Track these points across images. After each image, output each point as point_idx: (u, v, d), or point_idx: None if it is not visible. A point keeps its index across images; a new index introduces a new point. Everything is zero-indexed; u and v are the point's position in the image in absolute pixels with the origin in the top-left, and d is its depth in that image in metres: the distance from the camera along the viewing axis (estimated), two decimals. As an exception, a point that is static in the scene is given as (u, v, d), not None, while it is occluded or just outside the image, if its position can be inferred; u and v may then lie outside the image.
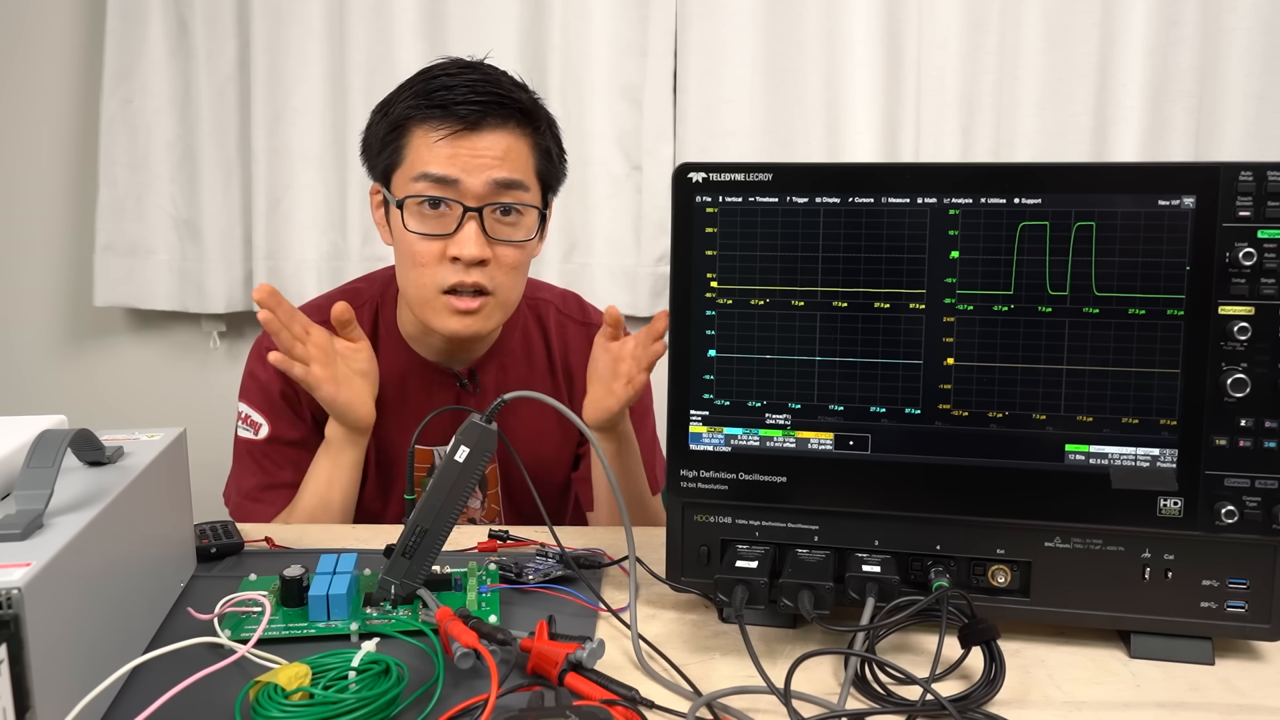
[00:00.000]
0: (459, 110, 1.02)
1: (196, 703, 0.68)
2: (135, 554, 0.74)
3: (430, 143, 1.03)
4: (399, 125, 1.05)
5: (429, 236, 1.04)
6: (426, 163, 1.03)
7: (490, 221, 1.04)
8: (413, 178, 1.04)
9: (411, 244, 1.05)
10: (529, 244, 1.09)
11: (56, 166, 1.95)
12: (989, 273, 0.76)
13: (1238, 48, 1.71)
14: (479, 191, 1.03)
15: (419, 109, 1.04)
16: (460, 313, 1.05)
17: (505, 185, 1.04)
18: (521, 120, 1.06)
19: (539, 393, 0.82)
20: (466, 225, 1.03)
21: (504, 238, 1.05)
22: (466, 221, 1.03)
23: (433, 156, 1.03)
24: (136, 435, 0.85)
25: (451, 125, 1.02)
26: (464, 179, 1.03)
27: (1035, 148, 1.75)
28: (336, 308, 1.05)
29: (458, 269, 1.04)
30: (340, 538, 1.05)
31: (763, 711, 0.68)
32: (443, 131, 1.02)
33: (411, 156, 1.04)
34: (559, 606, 0.84)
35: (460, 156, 1.02)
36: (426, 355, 1.17)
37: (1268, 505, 0.73)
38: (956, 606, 0.74)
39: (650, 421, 1.28)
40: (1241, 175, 0.72)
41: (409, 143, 1.05)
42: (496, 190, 1.04)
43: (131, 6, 1.81)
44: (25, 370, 2.01)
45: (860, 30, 1.71)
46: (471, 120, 1.02)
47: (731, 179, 0.79)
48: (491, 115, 1.03)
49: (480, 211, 1.03)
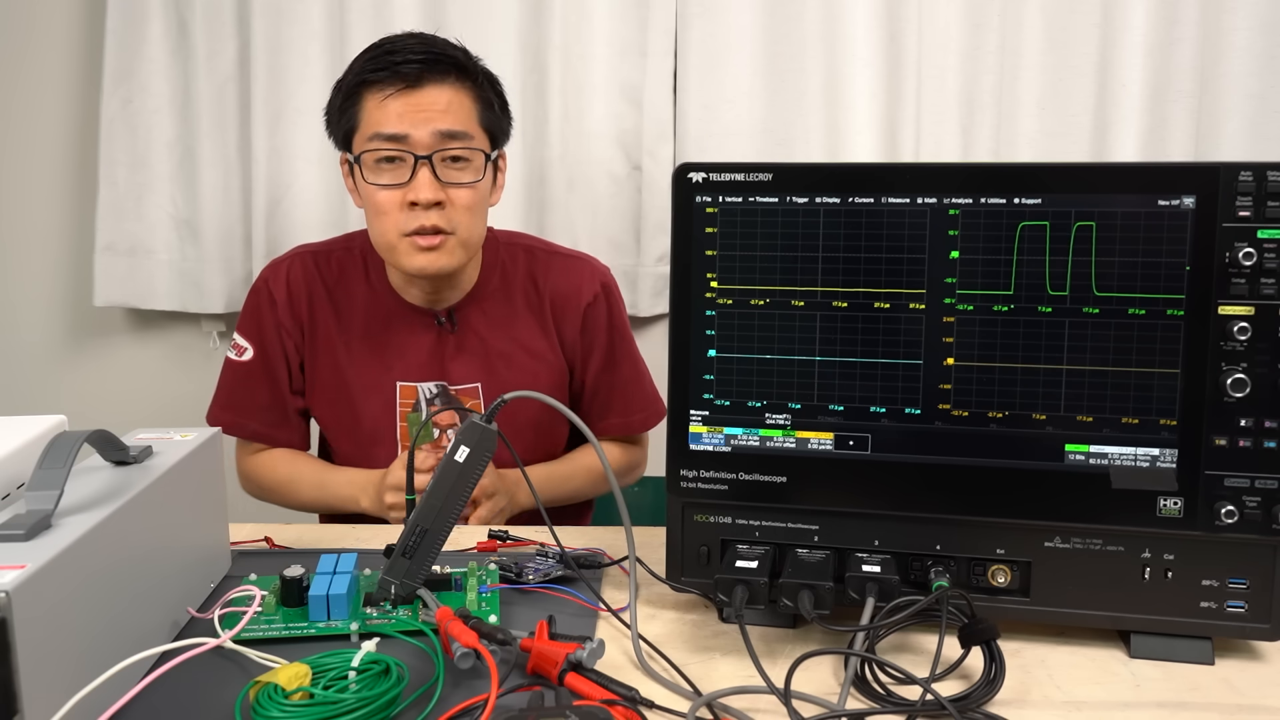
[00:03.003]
0: (402, 70, 1.14)
1: (197, 703, 0.68)
2: (154, 553, 0.74)
3: (379, 103, 1.15)
4: (352, 93, 1.17)
5: (387, 187, 1.16)
6: (378, 123, 1.15)
7: (441, 167, 1.16)
8: (368, 137, 1.16)
9: (373, 195, 1.17)
10: (479, 185, 1.19)
11: (56, 166, 1.94)
12: (989, 273, 0.76)
13: (1238, 48, 1.71)
14: (427, 142, 1.15)
15: (367, 73, 1.15)
16: (423, 249, 1.16)
17: (450, 135, 1.15)
18: (460, 74, 1.17)
19: (538, 392, 0.82)
20: (420, 173, 1.14)
21: (454, 180, 1.17)
22: (419, 169, 1.14)
23: (383, 116, 1.14)
24: (170, 435, 0.86)
25: (396, 85, 1.14)
26: (412, 132, 1.14)
27: (1035, 148, 1.75)
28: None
29: (417, 213, 1.15)
30: (340, 538, 1.05)
31: (763, 711, 0.68)
32: (389, 91, 1.14)
33: (365, 118, 1.16)
34: (559, 606, 0.84)
35: (407, 113, 1.14)
36: (411, 300, 1.28)
37: (1268, 505, 0.73)
38: (956, 606, 0.74)
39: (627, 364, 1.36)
40: (1241, 175, 0.72)
41: (362, 106, 1.16)
42: (442, 140, 1.15)
43: (131, 6, 1.80)
44: (25, 370, 2.01)
45: (860, 30, 1.71)
46: (413, 77, 1.14)
47: (731, 179, 0.79)
48: (431, 71, 1.15)
49: (430, 159, 1.15)
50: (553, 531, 0.90)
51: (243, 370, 1.29)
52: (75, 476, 0.71)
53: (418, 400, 1.26)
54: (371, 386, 1.27)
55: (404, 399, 1.26)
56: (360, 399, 1.27)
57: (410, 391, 1.26)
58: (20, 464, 0.74)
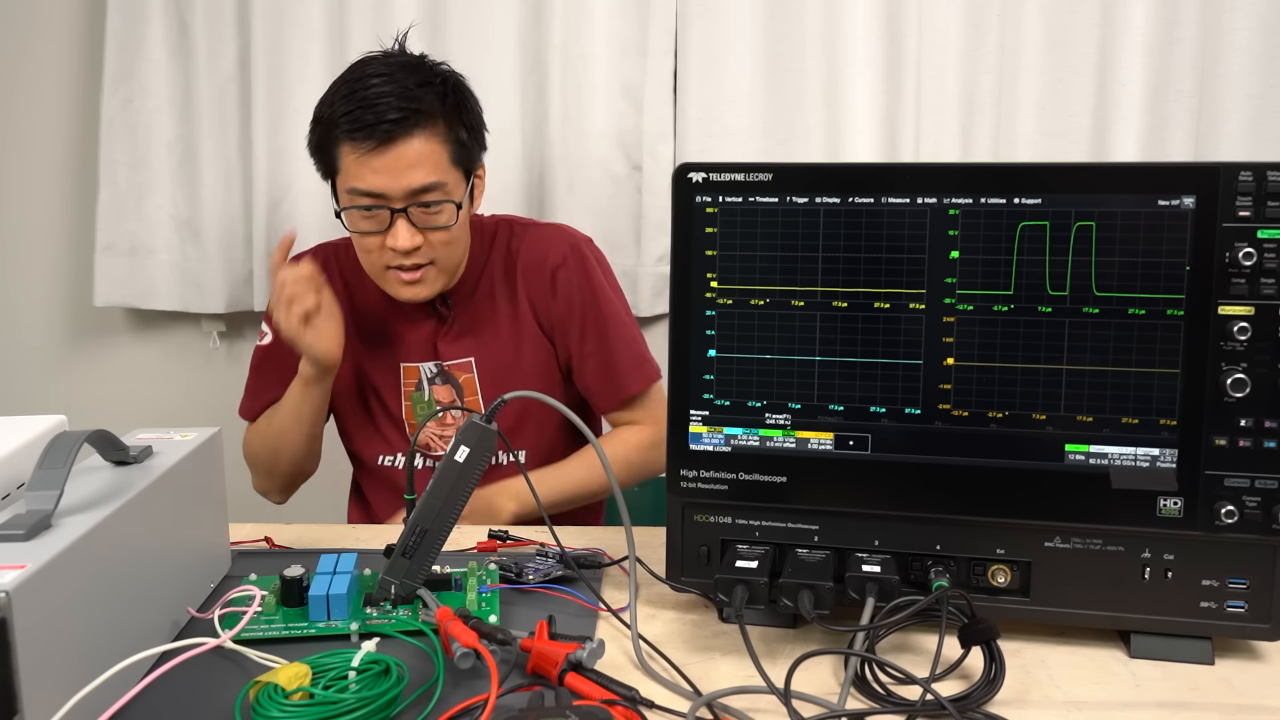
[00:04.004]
0: (375, 132, 1.18)
1: (197, 703, 0.68)
2: (154, 553, 0.74)
3: (356, 158, 1.20)
4: (328, 139, 1.22)
5: (368, 234, 1.24)
6: (356, 177, 1.20)
7: (416, 213, 1.22)
8: (347, 190, 1.22)
9: (358, 238, 1.26)
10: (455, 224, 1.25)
11: (56, 166, 1.94)
12: (989, 273, 0.76)
13: (1238, 48, 1.71)
14: (401, 196, 1.20)
15: (341, 128, 1.19)
16: (407, 283, 1.25)
17: (424, 189, 1.21)
18: (431, 122, 1.21)
19: (535, 392, 0.82)
20: (397, 223, 1.21)
21: (430, 225, 1.23)
22: (396, 219, 1.21)
23: (360, 172, 1.20)
24: (170, 435, 0.86)
25: (370, 144, 1.18)
26: (387, 189, 1.20)
27: (1035, 148, 1.75)
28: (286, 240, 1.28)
29: (398, 254, 1.23)
30: (340, 538, 1.05)
31: (763, 711, 0.68)
32: (363, 150, 1.19)
33: (344, 170, 1.22)
34: (559, 606, 0.84)
35: (382, 170, 1.19)
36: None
37: (1267, 505, 0.73)
38: (956, 606, 0.74)
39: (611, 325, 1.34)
40: (1241, 175, 0.72)
41: (340, 156, 1.22)
42: (416, 194, 1.21)
43: (131, 6, 1.80)
44: (25, 370, 2.01)
45: (860, 30, 1.71)
46: (385, 137, 1.18)
47: (731, 179, 0.79)
48: (402, 127, 1.18)
49: (406, 210, 1.21)
50: (553, 531, 0.90)
51: (262, 352, 1.38)
52: (75, 476, 0.71)
53: (419, 380, 1.35)
54: (381, 369, 1.36)
55: (407, 379, 1.35)
56: (372, 380, 1.37)
57: (413, 372, 1.35)
58: (20, 464, 0.74)
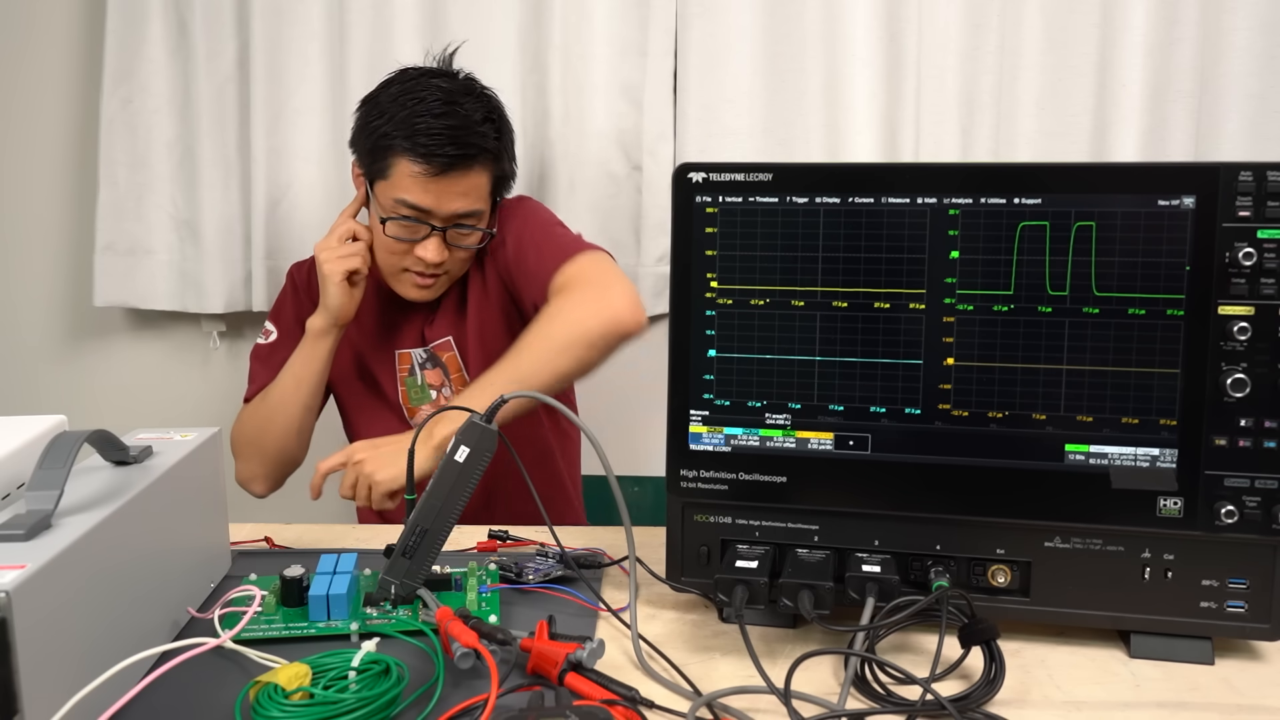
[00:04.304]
0: (436, 160, 1.26)
1: (197, 703, 0.68)
2: (154, 553, 0.74)
3: (409, 174, 1.27)
4: (385, 148, 1.28)
5: (402, 240, 1.31)
6: (406, 190, 1.28)
7: (450, 234, 1.31)
8: (394, 198, 1.29)
9: (388, 240, 1.32)
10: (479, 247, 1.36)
11: (56, 166, 1.94)
12: (989, 273, 0.76)
13: (1238, 48, 1.71)
14: (445, 218, 1.30)
15: (402, 145, 1.26)
16: (419, 286, 1.34)
17: (465, 215, 1.31)
18: (485, 159, 1.31)
19: (535, 392, 0.82)
20: (432, 238, 1.30)
21: (459, 243, 1.33)
22: (432, 235, 1.30)
23: (411, 186, 1.28)
24: (170, 435, 0.86)
25: (428, 169, 1.27)
26: (435, 208, 1.29)
27: (1035, 148, 1.75)
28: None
29: (421, 262, 1.31)
30: (341, 538, 1.05)
31: (763, 711, 0.68)
32: (420, 170, 1.27)
33: (394, 179, 1.29)
34: (559, 606, 0.84)
35: (431, 192, 1.28)
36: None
37: (1267, 505, 0.73)
38: (956, 606, 0.74)
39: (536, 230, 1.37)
40: (1241, 175, 0.72)
41: (392, 166, 1.28)
42: (457, 217, 1.31)
43: (131, 6, 1.80)
44: (25, 370, 2.01)
45: (860, 30, 1.71)
46: (448, 165, 1.27)
47: (731, 179, 0.79)
48: (462, 162, 1.28)
49: (444, 230, 1.30)
50: (553, 531, 0.90)
51: (264, 350, 1.45)
52: (75, 476, 0.71)
53: (412, 365, 1.44)
54: (378, 359, 1.45)
55: (401, 365, 1.44)
56: (371, 368, 1.45)
57: (406, 358, 1.44)
58: (20, 464, 0.74)
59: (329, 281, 1.31)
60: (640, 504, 1.58)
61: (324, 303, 1.33)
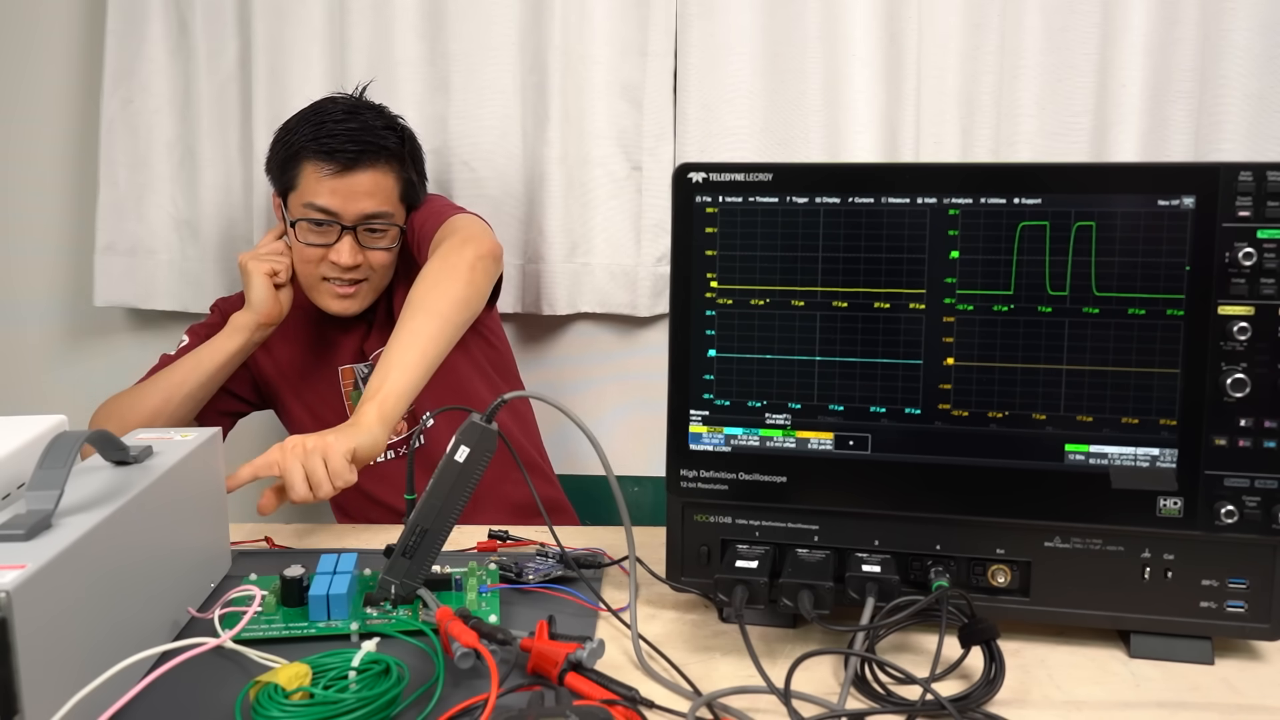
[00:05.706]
0: (339, 156, 1.33)
1: (197, 703, 0.68)
2: (154, 553, 0.74)
3: (317, 178, 1.34)
4: (293, 157, 1.36)
5: (315, 245, 1.37)
6: (314, 194, 1.34)
7: (362, 235, 1.37)
8: (303, 204, 1.35)
9: (302, 249, 1.38)
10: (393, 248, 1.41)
11: (56, 166, 1.94)
12: (989, 273, 0.76)
13: (1238, 48, 1.70)
14: (352, 217, 1.35)
15: (309, 149, 1.34)
16: (339, 296, 1.40)
17: (373, 215, 1.36)
18: (389, 159, 1.37)
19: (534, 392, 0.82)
20: (343, 240, 1.35)
21: (372, 245, 1.38)
22: (343, 237, 1.35)
23: (318, 189, 1.34)
24: (170, 435, 0.86)
25: (333, 167, 1.33)
26: (341, 210, 1.35)
27: (1035, 148, 1.75)
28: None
29: (337, 268, 1.37)
30: (340, 538, 1.05)
31: (763, 711, 0.68)
32: (326, 170, 1.34)
33: (303, 185, 1.36)
34: (559, 606, 0.84)
35: (339, 192, 1.34)
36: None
37: (1267, 505, 0.73)
38: (956, 606, 0.74)
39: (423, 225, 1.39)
40: (1241, 175, 0.72)
41: (301, 173, 1.36)
42: (366, 218, 1.36)
43: (131, 6, 1.80)
44: (25, 370, 2.01)
45: (860, 30, 1.71)
46: (348, 163, 1.33)
47: (731, 179, 0.79)
48: (364, 159, 1.34)
49: (354, 230, 1.36)
50: (553, 531, 0.90)
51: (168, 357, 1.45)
52: (75, 476, 0.71)
53: (355, 380, 1.49)
54: (321, 376, 1.49)
55: (344, 380, 1.49)
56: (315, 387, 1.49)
57: (349, 373, 1.49)
58: (20, 464, 0.74)
59: (252, 277, 1.36)
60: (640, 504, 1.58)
61: (248, 300, 1.37)
